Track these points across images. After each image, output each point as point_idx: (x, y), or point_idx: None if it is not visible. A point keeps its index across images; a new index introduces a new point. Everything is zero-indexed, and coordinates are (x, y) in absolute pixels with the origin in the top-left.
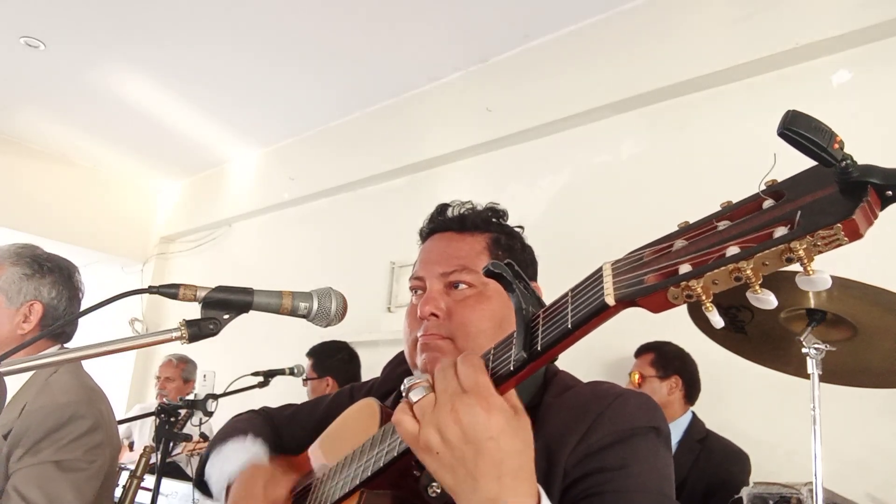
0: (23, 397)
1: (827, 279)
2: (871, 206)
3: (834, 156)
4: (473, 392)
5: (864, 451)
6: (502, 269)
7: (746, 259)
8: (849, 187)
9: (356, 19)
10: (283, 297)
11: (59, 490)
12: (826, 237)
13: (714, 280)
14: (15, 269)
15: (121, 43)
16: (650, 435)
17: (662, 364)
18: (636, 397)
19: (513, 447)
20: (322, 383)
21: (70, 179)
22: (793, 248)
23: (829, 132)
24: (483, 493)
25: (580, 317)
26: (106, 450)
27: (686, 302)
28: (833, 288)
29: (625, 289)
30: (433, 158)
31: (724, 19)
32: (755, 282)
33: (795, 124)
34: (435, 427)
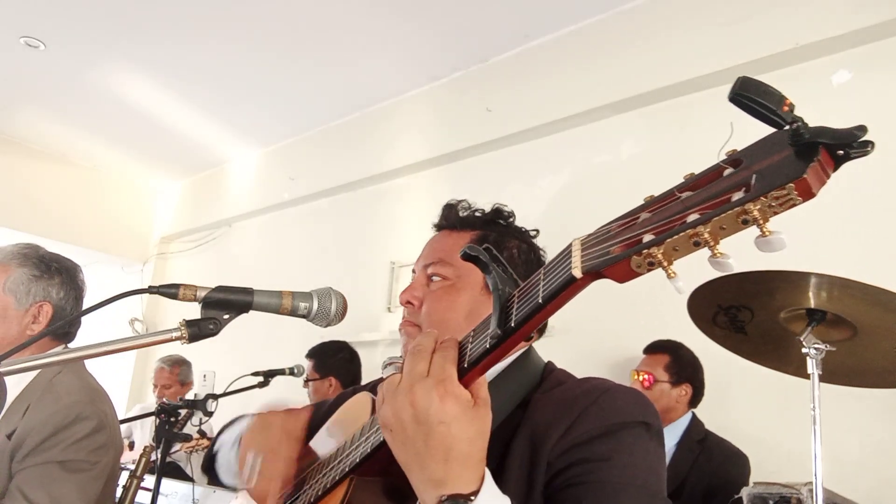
0: (27, 397)
1: (783, 240)
2: (823, 166)
3: (784, 118)
4: (434, 377)
5: (864, 451)
6: (478, 252)
7: (704, 224)
8: (801, 149)
9: (356, 19)
10: (283, 297)
11: (63, 490)
12: (780, 197)
13: (675, 247)
14: (23, 271)
15: (121, 43)
16: (639, 429)
17: (677, 370)
18: (625, 392)
19: (463, 434)
20: (325, 384)
21: (70, 179)
22: (747, 210)
23: (778, 95)
24: (429, 474)
25: (550, 291)
26: (109, 450)
27: (649, 269)
28: (833, 288)
29: (591, 261)
30: (433, 158)
31: (724, 19)
32: (714, 245)
33: (745, 89)
34: (392, 405)
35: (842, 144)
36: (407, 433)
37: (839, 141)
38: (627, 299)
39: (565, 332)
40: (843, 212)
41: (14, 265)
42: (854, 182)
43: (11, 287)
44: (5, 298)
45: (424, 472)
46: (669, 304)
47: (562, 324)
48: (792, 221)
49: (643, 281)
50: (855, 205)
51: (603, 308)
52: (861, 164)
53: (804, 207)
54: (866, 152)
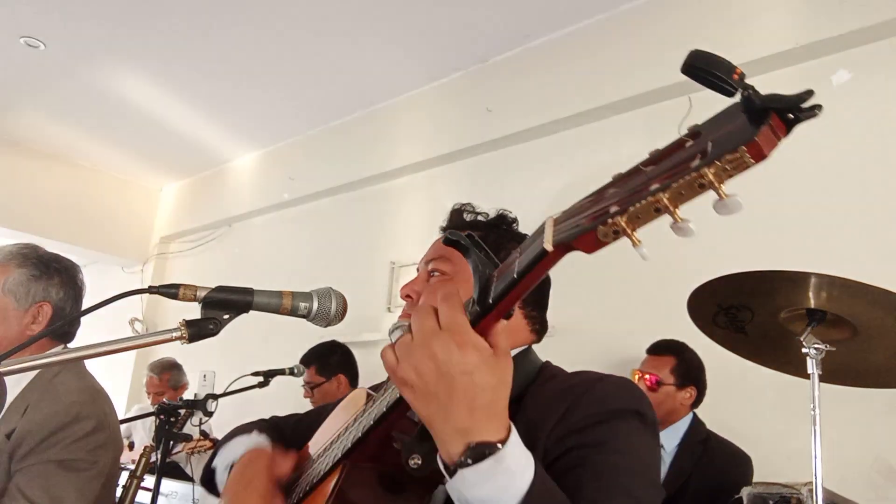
0: (27, 397)
1: (739, 202)
2: (774, 129)
3: (734, 85)
4: (449, 329)
5: (864, 451)
6: (458, 237)
7: (664, 191)
8: (753, 115)
9: (356, 19)
10: (283, 297)
11: (62, 490)
12: (733, 160)
13: (637, 215)
14: (22, 271)
15: (121, 43)
16: (632, 418)
17: (683, 372)
18: (618, 381)
19: (486, 382)
20: (333, 384)
21: (70, 179)
22: (703, 175)
23: (728, 65)
24: (454, 424)
25: (524, 265)
26: (109, 450)
27: (615, 238)
28: (833, 288)
29: (561, 234)
30: (434, 158)
31: (724, 19)
32: (674, 211)
33: (696, 60)
34: (411, 362)
35: (790, 108)
36: (429, 387)
37: (787, 105)
38: (628, 299)
39: (566, 332)
40: (843, 212)
41: (13, 265)
42: (854, 182)
43: (11, 287)
44: (5, 299)
45: (449, 423)
46: (670, 305)
47: (562, 324)
48: (792, 221)
49: (643, 281)
50: (855, 205)
51: (603, 308)
52: (861, 164)
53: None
54: (814, 114)
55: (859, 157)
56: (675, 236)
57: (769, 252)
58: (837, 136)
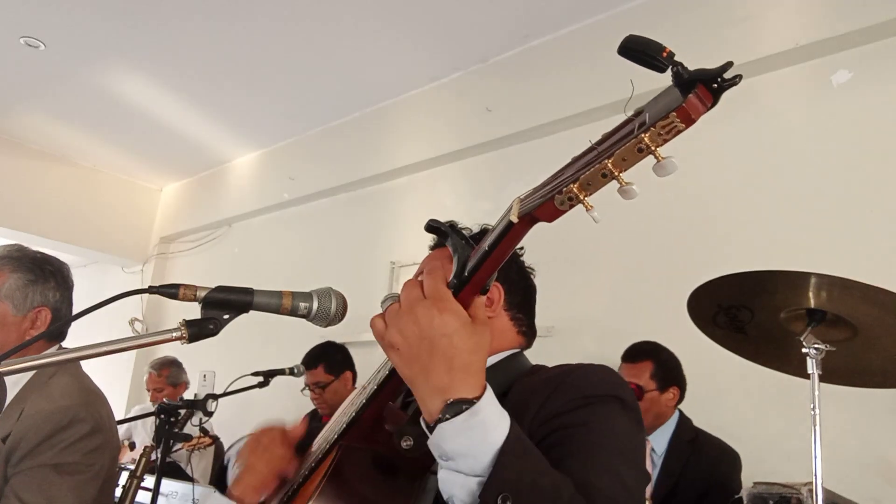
0: (22, 400)
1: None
2: (701, 97)
3: (664, 62)
4: (432, 296)
5: (864, 451)
6: (438, 224)
7: (608, 157)
8: (683, 88)
9: (356, 19)
10: (283, 297)
11: (59, 493)
12: (666, 125)
13: (588, 182)
14: (18, 276)
15: (121, 43)
16: (613, 403)
17: (662, 376)
18: (599, 368)
19: (464, 345)
20: (341, 382)
21: (70, 179)
22: (640, 140)
23: (658, 46)
24: (434, 383)
25: (493, 239)
26: (105, 452)
27: (570, 206)
28: (833, 288)
29: (524, 207)
30: (434, 158)
31: (724, 19)
32: (618, 174)
33: (630, 43)
34: (397, 326)
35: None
36: (412, 349)
37: (711, 76)
38: (628, 300)
39: (566, 333)
40: (843, 212)
41: (7, 270)
42: (854, 182)
43: (7, 293)
44: (2, 305)
45: (429, 382)
46: (670, 304)
47: (562, 324)
48: (792, 221)
49: (643, 281)
50: (855, 205)
51: (603, 308)
52: (862, 164)
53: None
54: (735, 83)
55: (859, 157)
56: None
57: (769, 252)
58: (837, 136)
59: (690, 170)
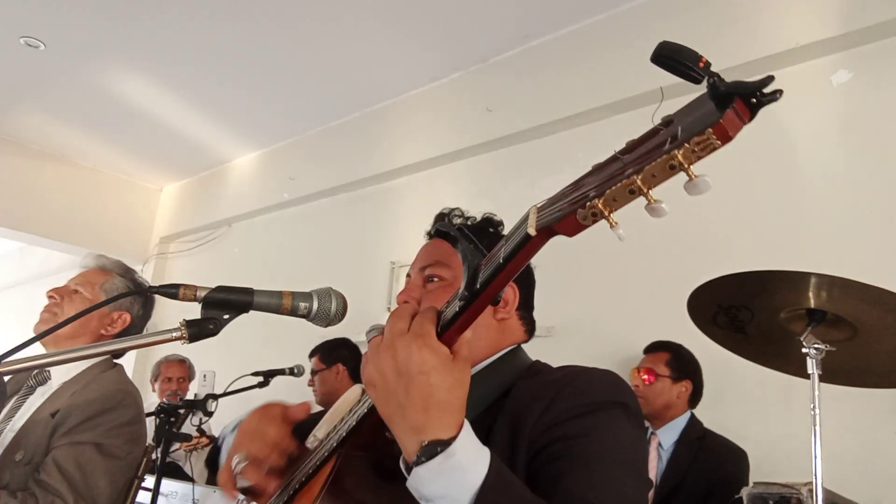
0: (72, 386)
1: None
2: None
3: (700, 73)
4: (413, 333)
5: (864, 451)
6: (448, 229)
7: (637, 173)
8: (719, 101)
9: (356, 19)
10: (283, 297)
11: (95, 473)
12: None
13: (614, 197)
14: (122, 280)
15: (121, 43)
16: (616, 409)
17: (678, 366)
18: (601, 373)
19: (442, 383)
20: (332, 373)
21: (70, 179)
22: (673, 157)
23: (694, 54)
24: (410, 422)
25: (509, 251)
26: (141, 444)
27: (594, 221)
28: (833, 288)
29: (543, 219)
30: (434, 158)
31: (724, 19)
32: (647, 192)
33: (664, 50)
34: (375, 362)
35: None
36: (389, 386)
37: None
38: (628, 299)
39: (566, 333)
40: (843, 212)
41: (116, 273)
42: (854, 182)
43: (108, 289)
44: (98, 296)
45: (406, 420)
46: (670, 305)
47: (562, 324)
48: (792, 221)
49: (643, 281)
50: (855, 205)
51: (603, 308)
52: (861, 164)
53: (805, 207)
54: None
55: (859, 157)
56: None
57: (769, 252)
58: (838, 136)
59: None
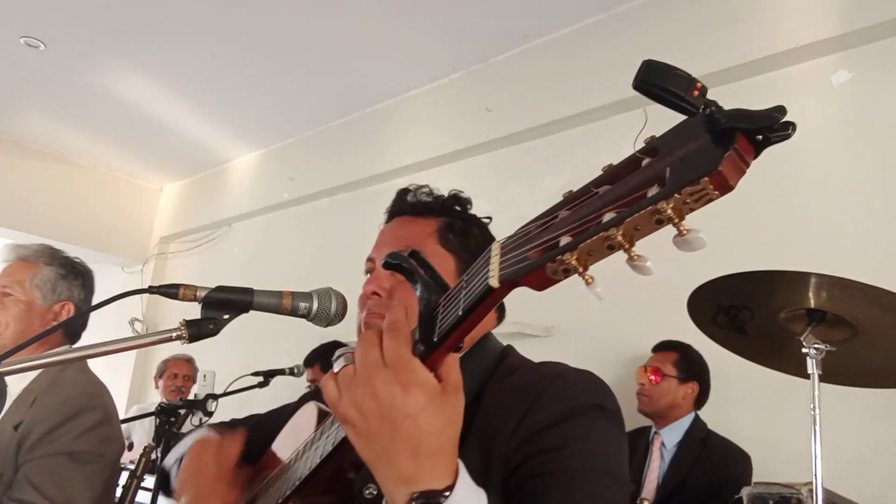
0: (33, 390)
1: (702, 239)
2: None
3: (694, 104)
4: (393, 366)
5: (864, 451)
6: (400, 260)
7: (617, 226)
8: (718, 136)
9: (356, 19)
10: (283, 297)
11: (71, 481)
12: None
13: (589, 251)
14: (51, 269)
15: (121, 43)
16: (593, 412)
17: (685, 367)
18: (577, 375)
19: (433, 426)
20: None
21: (70, 180)
22: (660, 210)
23: (687, 79)
24: (397, 471)
25: (469, 302)
26: (114, 443)
27: (565, 276)
28: (833, 288)
29: (508, 269)
30: (434, 158)
31: (724, 19)
32: (629, 248)
33: (650, 76)
34: (352, 399)
35: (760, 128)
36: (371, 429)
37: (757, 125)
38: (628, 299)
39: (566, 333)
40: (843, 212)
41: (42, 263)
42: (854, 182)
43: (39, 283)
44: (32, 294)
45: (392, 469)
46: (670, 305)
47: (562, 324)
48: (792, 221)
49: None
50: (855, 205)
51: (603, 308)
52: (861, 164)
53: (805, 208)
54: (787, 135)
55: (859, 157)
56: None
57: (769, 252)
58: (837, 136)
59: None
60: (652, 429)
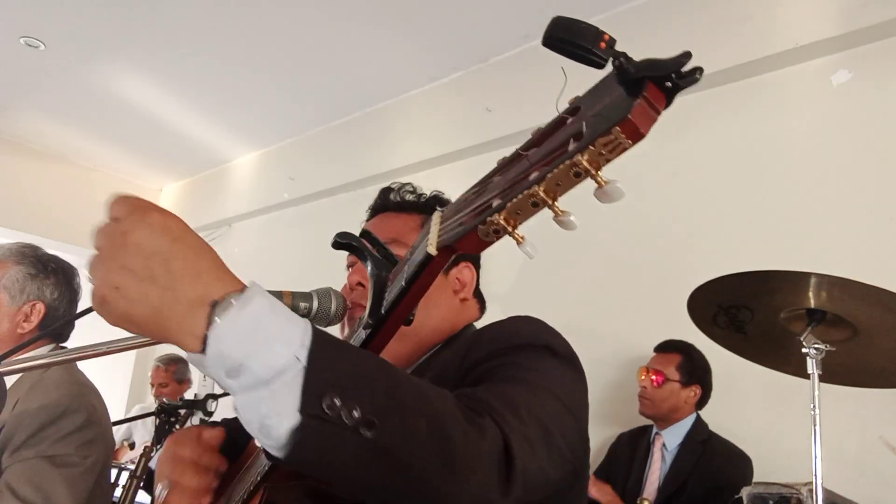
0: (15, 393)
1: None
2: (651, 102)
3: (602, 55)
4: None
5: (864, 451)
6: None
7: (539, 183)
8: (629, 87)
9: (356, 19)
10: (283, 298)
11: (53, 486)
12: (608, 143)
13: (516, 210)
14: (19, 268)
15: (121, 43)
16: (542, 352)
17: (689, 370)
18: (525, 320)
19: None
20: None
21: (70, 180)
22: (576, 163)
23: (594, 32)
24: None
25: (411, 272)
26: (99, 445)
27: (497, 237)
28: (833, 288)
29: (444, 234)
30: (433, 158)
31: (724, 19)
32: (553, 203)
33: (557, 31)
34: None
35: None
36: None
37: (664, 72)
38: (628, 299)
39: (566, 332)
40: (843, 212)
41: (11, 262)
42: (854, 182)
43: (6, 284)
44: None
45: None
46: (670, 305)
47: (562, 324)
48: (792, 221)
49: (643, 281)
50: (855, 205)
51: (604, 308)
52: (861, 164)
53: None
54: (695, 80)
55: (859, 157)
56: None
57: (769, 252)
58: (837, 136)
59: (690, 169)
60: (653, 429)
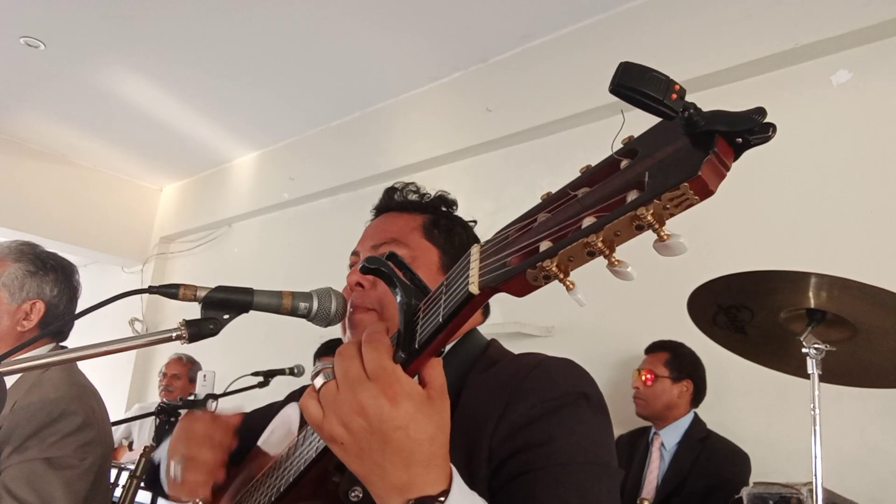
0: (14, 394)
1: (683, 244)
2: (721, 158)
3: (673, 107)
4: (377, 379)
5: (864, 451)
6: (378, 264)
7: (597, 231)
8: (697, 138)
9: (356, 19)
10: (283, 297)
11: (50, 488)
12: (674, 198)
13: (569, 257)
14: (18, 266)
15: (121, 43)
16: (578, 402)
17: (677, 366)
18: (559, 364)
19: (423, 435)
20: None
21: (70, 180)
22: (640, 216)
23: (665, 82)
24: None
25: (450, 309)
26: (97, 447)
27: (546, 283)
28: (833, 288)
29: (487, 275)
30: (433, 158)
31: (725, 19)
32: (610, 254)
33: (626, 79)
34: (338, 417)
35: (740, 131)
36: (361, 445)
37: (737, 127)
38: (628, 299)
39: (565, 333)
40: (843, 212)
41: (10, 260)
42: (854, 182)
43: (6, 282)
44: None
45: (385, 481)
46: (670, 305)
47: (561, 324)
48: (792, 221)
49: (643, 281)
50: (855, 205)
51: (603, 308)
52: (861, 164)
53: (804, 207)
54: (768, 137)
55: (859, 157)
56: None
57: (769, 252)
58: (837, 136)
59: None
60: (651, 429)
